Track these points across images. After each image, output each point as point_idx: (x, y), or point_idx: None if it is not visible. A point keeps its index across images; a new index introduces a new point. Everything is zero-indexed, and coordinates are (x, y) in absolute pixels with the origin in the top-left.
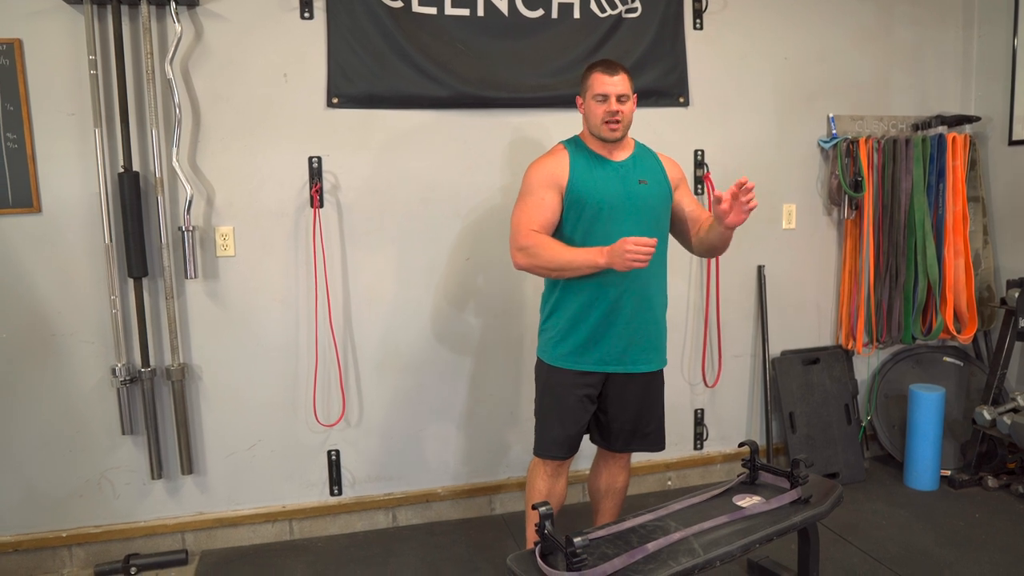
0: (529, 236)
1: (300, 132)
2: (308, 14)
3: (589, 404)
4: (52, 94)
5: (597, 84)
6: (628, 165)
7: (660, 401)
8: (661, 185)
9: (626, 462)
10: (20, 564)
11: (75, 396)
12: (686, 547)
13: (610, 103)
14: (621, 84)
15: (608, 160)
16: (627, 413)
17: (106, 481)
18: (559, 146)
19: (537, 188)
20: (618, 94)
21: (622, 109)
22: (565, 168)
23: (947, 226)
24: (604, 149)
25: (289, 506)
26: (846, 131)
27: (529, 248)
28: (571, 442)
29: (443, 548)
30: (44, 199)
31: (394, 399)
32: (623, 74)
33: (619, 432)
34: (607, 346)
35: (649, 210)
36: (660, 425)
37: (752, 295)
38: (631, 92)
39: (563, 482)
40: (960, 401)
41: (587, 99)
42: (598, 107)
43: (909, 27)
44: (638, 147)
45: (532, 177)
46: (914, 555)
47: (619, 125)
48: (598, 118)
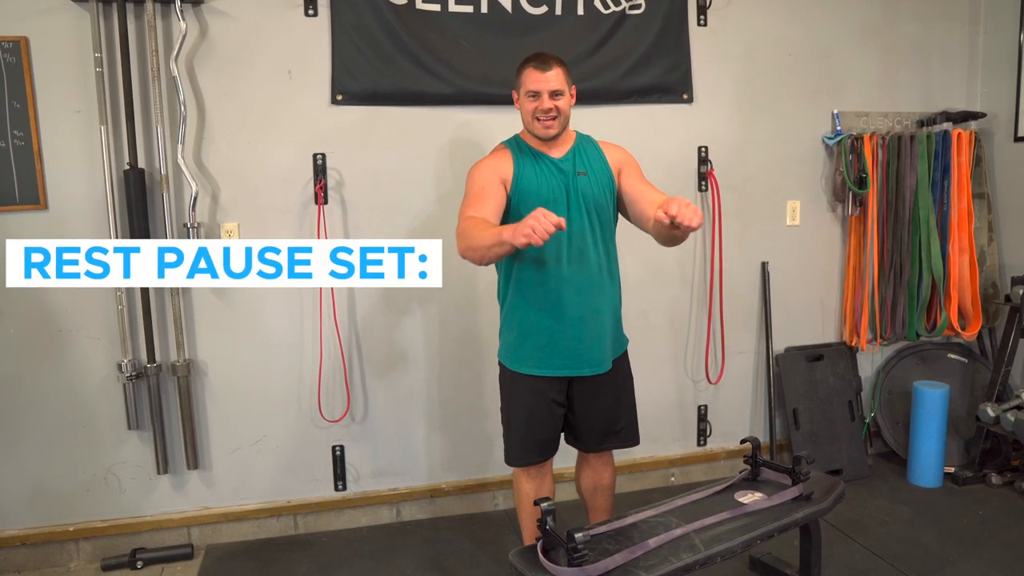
0: (464, 220)
1: (304, 129)
2: (312, 11)
3: (556, 407)
4: (58, 91)
5: (529, 80)
6: (568, 159)
7: (629, 397)
8: (600, 174)
9: (608, 459)
10: (28, 558)
11: (81, 391)
12: (687, 543)
13: (542, 100)
14: (555, 79)
15: (548, 156)
16: (595, 412)
17: (112, 476)
18: (500, 146)
19: (477, 180)
20: (551, 90)
21: (557, 105)
22: (509, 166)
23: (952, 223)
24: (544, 146)
25: (294, 501)
26: (850, 127)
27: (461, 233)
28: (544, 446)
29: (447, 543)
30: (50, 196)
31: (398, 395)
32: (558, 68)
33: (589, 432)
34: (561, 351)
35: (591, 201)
36: (631, 421)
37: (756, 291)
38: (567, 87)
39: (549, 481)
40: (964, 398)
41: (520, 95)
42: (530, 104)
43: (914, 23)
44: (579, 139)
45: (475, 174)
46: (917, 552)
47: (554, 123)
48: (529, 114)
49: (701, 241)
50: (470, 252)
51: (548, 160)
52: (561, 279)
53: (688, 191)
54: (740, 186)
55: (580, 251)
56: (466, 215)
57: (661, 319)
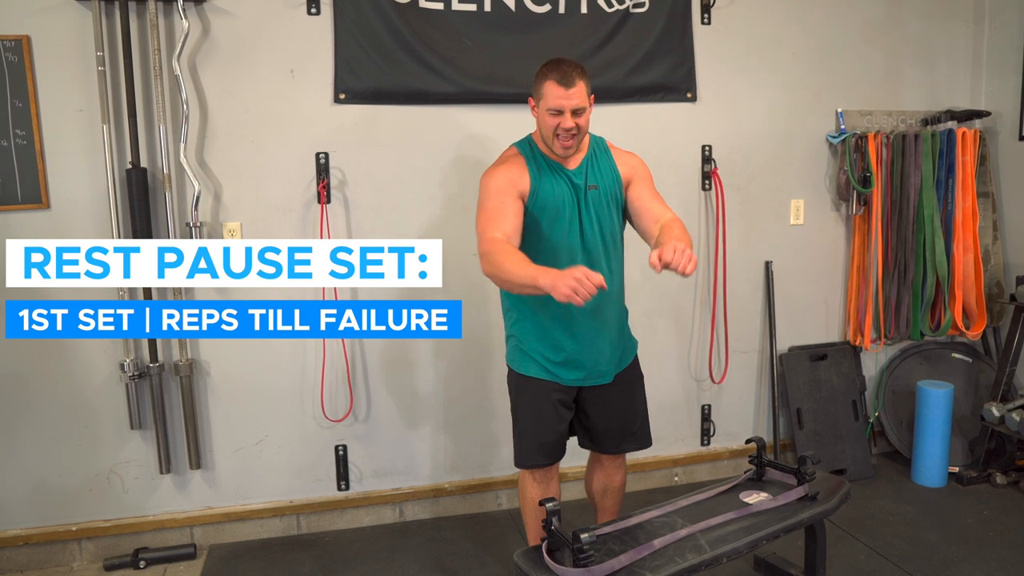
0: (491, 242)
1: (307, 128)
2: (315, 10)
3: (565, 410)
4: (60, 90)
5: (551, 97)
6: (581, 172)
7: (642, 398)
8: (611, 186)
9: (621, 461)
10: (30, 557)
11: (84, 391)
12: (693, 543)
13: (564, 118)
14: (577, 96)
15: (562, 167)
16: (610, 415)
17: (115, 475)
18: (514, 151)
19: (496, 194)
20: (573, 108)
21: (578, 123)
22: (526, 179)
23: (956, 222)
24: (559, 157)
25: (297, 501)
26: (855, 126)
27: (489, 255)
28: (551, 449)
29: (450, 543)
30: (53, 195)
31: (401, 394)
32: (580, 83)
33: (606, 434)
34: (570, 362)
35: (602, 214)
36: (645, 422)
37: (759, 291)
38: (588, 102)
39: (555, 484)
40: (969, 398)
41: (540, 108)
42: (551, 119)
43: (919, 21)
44: (592, 146)
45: (491, 183)
46: (921, 552)
47: (573, 140)
48: (550, 130)
49: (705, 240)
50: (496, 279)
51: (563, 172)
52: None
53: (692, 190)
54: (744, 185)
55: (590, 265)
56: (489, 235)
57: (665, 319)
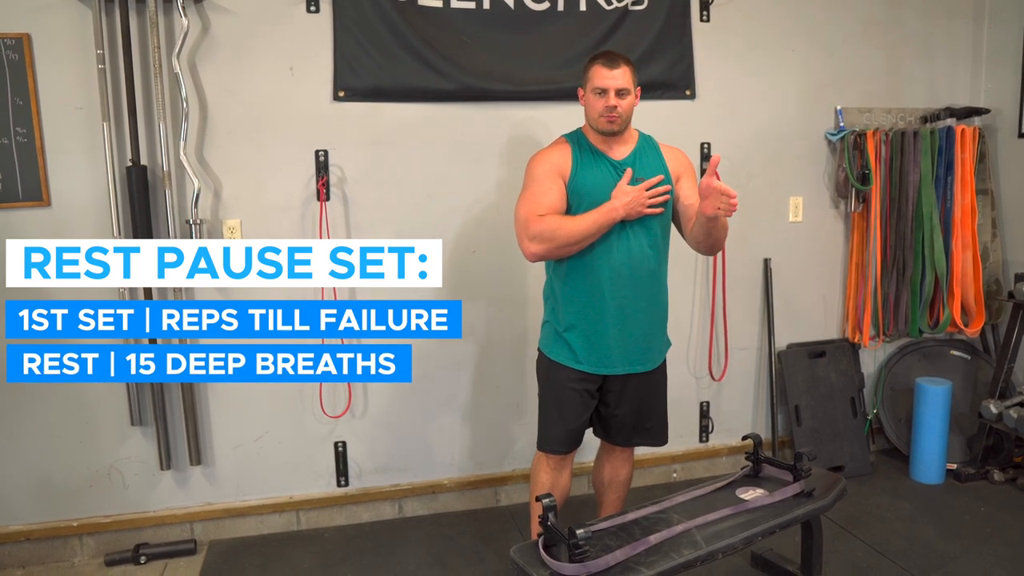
0: (539, 222)
1: (306, 125)
2: (314, 8)
3: (589, 399)
4: (60, 88)
5: (597, 77)
6: (628, 163)
7: (662, 396)
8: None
9: (629, 455)
10: (31, 553)
11: (85, 388)
12: (689, 539)
13: (608, 97)
14: (622, 78)
15: (608, 157)
16: (628, 409)
17: (116, 472)
18: (561, 139)
19: (541, 177)
20: (617, 88)
21: (620, 103)
22: (568, 160)
23: (955, 219)
24: (604, 144)
25: (296, 497)
26: (854, 123)
27: (541, 234)
28: (572, 436)
29: (449, 539)
30: (53, 193)
31: (400, 391)
32: (625, 67)
33: (620, 427)
34: (605, 350)
35: None
36: (662, 420)
37: (758, 288)
38: (633, 86)
39: (567, 475)
40: (967, 395)
41: (587, 92)
42: (597, 101)
43: (918, 18)
44: (641, 140)
45: (535, 168)
46: (919, 548)
47: (617, 118)
48: (596, 111)
49: None
50: (558, 251)
51: (607, 160)
52: (610, 281)
53: None
54: (743, 182)
55: (628, 253)
56: (535, 214)
57: None
